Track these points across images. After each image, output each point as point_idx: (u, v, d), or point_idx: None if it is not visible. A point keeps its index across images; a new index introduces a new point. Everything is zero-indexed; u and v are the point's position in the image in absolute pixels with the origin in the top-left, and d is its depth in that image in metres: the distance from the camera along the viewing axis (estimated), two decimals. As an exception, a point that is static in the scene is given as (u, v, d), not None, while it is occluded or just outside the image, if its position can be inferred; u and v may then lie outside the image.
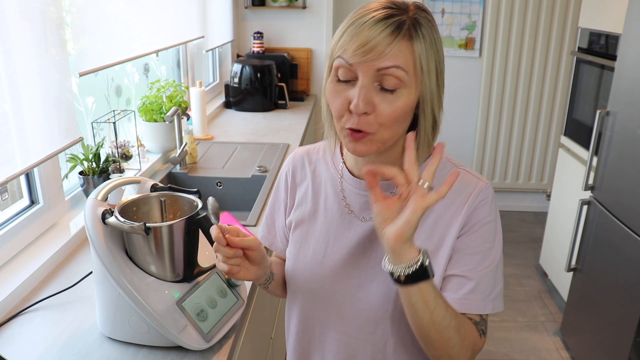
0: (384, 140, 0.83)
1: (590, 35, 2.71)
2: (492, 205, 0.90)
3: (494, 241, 0.90)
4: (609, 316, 2.13)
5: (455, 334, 0.81)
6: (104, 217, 1.00)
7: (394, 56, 0.77)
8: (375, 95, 0.79)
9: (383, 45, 0.76)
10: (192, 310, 1.03)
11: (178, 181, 2.06)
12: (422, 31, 0.79)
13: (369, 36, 0.76)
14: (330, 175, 0.97)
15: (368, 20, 0.77)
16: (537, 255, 3.38)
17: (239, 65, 3.10)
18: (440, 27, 3.69)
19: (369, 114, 0.79)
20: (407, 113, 0.82)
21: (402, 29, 0.77)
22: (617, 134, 2.11)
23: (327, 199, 0.96)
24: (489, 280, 0.87)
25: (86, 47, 1.58)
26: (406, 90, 0.79)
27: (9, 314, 1.15)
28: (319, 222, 0.96)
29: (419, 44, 0.78)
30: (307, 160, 1.02)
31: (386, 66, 0.77)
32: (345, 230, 0.93)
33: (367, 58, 0.77)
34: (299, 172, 1.02)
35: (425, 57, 0.79)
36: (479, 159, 3.95)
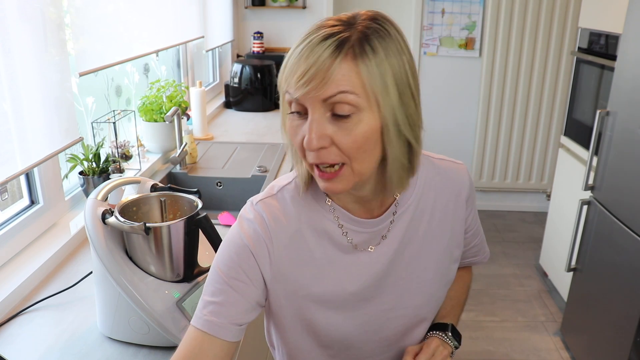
0: (359, 172, 0.73)
1: (590, 35, 2.71)
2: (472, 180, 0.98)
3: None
4: (609, 316, 2.13)
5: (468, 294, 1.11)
6: (104, 217, 1.00)
7: (338, 81, 0.68)
8: (330, 126, 0.70)
9: (323, 71, 0.68)
10: (192, 310, 1.03)
11: (178, 181, 2.06)
12: (370, 45, 0.69)
13: (307, 64, 0.68)
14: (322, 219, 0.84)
15: (306, 46, 0.69)
16: (537, 255, 3.37)
17: (239, 65, 3.10)
18: (440, 27, 3.69)
19: (326, 147, 0.71)
20: (372, 139, 0.71)
21: (342, 49, 0.68)
22: (617, 134, 2.11)
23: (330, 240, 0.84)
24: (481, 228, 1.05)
25: (86, 47, 1.58)
26: (363, 114, 0.70)
27: (9, 314, 1.15)
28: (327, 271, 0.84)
29: (366, 62, 0.69)
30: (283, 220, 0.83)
31: (331, 94, 0.68)
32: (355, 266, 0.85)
33: (309, 89, 0.68)
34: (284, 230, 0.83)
35: (377, 75, 0.69)
36: (479, 159, 3.95)
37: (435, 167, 0.91)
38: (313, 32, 0.71)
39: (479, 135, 3.90)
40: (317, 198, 0.84)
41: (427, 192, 0.89)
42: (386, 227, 0.86)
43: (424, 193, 0.89)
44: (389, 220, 0.86)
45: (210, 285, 0.82)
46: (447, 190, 0.91)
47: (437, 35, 3.71)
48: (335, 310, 0.86)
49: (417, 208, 0.88)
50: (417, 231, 0.88)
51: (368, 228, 0.84)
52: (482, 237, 1.06)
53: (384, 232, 0.86)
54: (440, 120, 3.87)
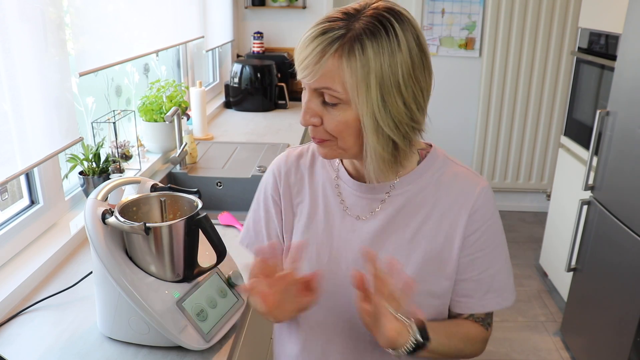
0: (344, 148, 0.83)
1: (590, 35, 2.71)
2: (492, 205, 0.90)
3: (500, 238, 0.92)
4: (609, 316, 2.13)
5: (465, 346, 0.90)
6: (104, 217, 1.00)
7: (323, 77, 0.76)
8: (322, 108, 0.81)
9: (311, 65, 0.76)
10: (192, 310, 1.03)
11: (178, 181, 2.06)
12: (360, 44, 0.74)
13: (303, 55, 0.77)
14: (328, 176, 0.96)
15: (307, 37, 0.77)
16: (537, 255, 3.37)
17: (239, 65, 3.10)
18: (440, 27, 3.69)
19: (317, 125, 0.82)
20: (352, 127, 0.80)
21: (332, 46, 0.75)
22: (617, 134, 2.11)
23: (326, 201, 0.95)
24: (503, 276, 0.91)
25: (86, 47, 1.58)
26: (346, 105, 0.78)
27: (9, 314, 1.15)
28: (320, 225, 0.95)
29: (352, 61, 0.74)
30: (301, 161, 0.99)
31: (317, 86, 0.78)
32: (347, 233, 0.92)
33: (303, 76, 0.79)
34: (292, 175, 0.99)
35: (360, 75, 0.75)
36: (479, 159, 3.95)
37: (454, 172, 0.91)
38: (318, 23, 0.78)
39: (479, 135, 3.90)
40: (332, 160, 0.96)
41: (433, 189, 0.89)
42: (378, 201, 0.90)
43: (429, 188, 0.89)
44: (382, 194, 0.90)
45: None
46: (454, 196, 0.89)
47: (437, 35, 3.71)
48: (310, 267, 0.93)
49: (415, 198, 0.89)
50: (409, 221, 0.89)
51: (360, 192, 0.92)
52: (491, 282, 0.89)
53: (376, 206, 0.90)
54: (440, 120, 3.86)
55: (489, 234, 0.89)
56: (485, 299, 0.90)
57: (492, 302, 0.91)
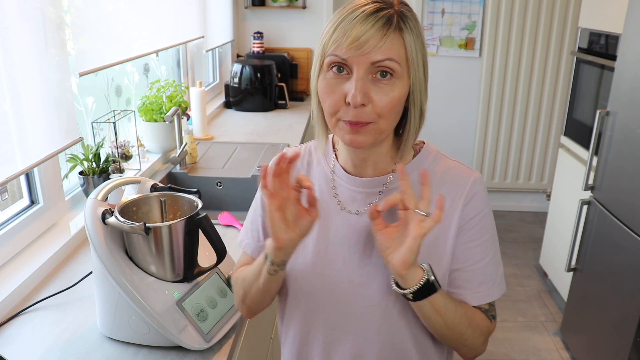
0: (382, 130, 0.84)
1: (590, 35, 2.71)
2: (485, 196, 0.93)
3: (492, 229, 0.93)
4: (609, 316, 2.13)
5: (467, 329, 0.89)
6: (104, 217, 1.00)
7: (387, 49, 0.79)
8: (371, 87, 0.81)
9: (376, 38, 0.78)
10: (192, 310, 1.03)
11: (178, 181, 2.06)
12: (409, 24, 0.82)
13: (362, 30, 0.78)
14: (323, 172, 0.97)
15: (358, 15, 0.79)
16: (537, 255, 3.37)
17: (239, 65, 3.10)
18: (440, 27, 3.69)
19: (365, 105, 0.81)
20: (402, 103, 0.84)
21: (392, 22, 0.80)
22: (617, 134, 2.11)
23: (322, 197, 0.96)
24: (493, 268, 0.92)
25: (86, 47, 1.58)
26: (399, 81, 0.82)
27: (9, 314, 1.15)
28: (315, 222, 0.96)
29: (409, 36, 0.81)
30: (297, 160, 0.99)
31: (380, 59, 0.79)
32: (344, 228, 0.93)
33: (362, 51, 0.79)
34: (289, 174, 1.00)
35: (414, 49, 0.82)
36: (479, 159, 3.95)
37: (447, 165, 0.93)
38: (362, 5, 0.81)
39: (479, 135, 3.90)
40: (327, 157, 0.98)
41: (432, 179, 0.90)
42: (374, 195, 0.92)
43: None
44: (379, 188, 0.92)
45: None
46: (448, 188, 0.90)
47: (437, 35, 3.71)
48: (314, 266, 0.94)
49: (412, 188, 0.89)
50: None
51: (356, 186, 0.93)
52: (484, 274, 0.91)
53: (372, 200, 0.92)
54: (440, 120, 3.86)
55: (482, 224, 0.91)
56: (479, 291, 0.92)
57: (484, 294, 0.92)
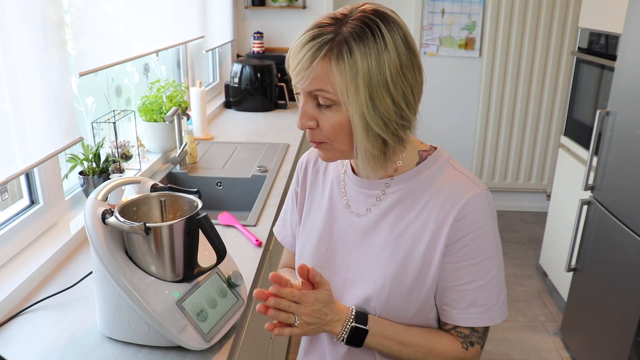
0: (341, 150, 0.86)
1: (590, 35, 2.71)
2: (483, 215, 0.86)
3: (491, 251, 0.88)
4: (609, 316, 2.13)
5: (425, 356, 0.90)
6: (104, 217, 1.00)
7: (315, 80, 0.79)
8: (317, 111, 0.83)
9: (303, 70, 0.79)
10: (192, 310, 1.03)
11: (178, 181, 2.06)
12: (348, 47, 0.77)
13: (295, 61, 0.80)
14: (337, 172, 1.01)
15: (298, 43, 0.81)
16: (537, 255, 3.38)
17: (239, 65, 3.10)
18: (440, 27, 3.69)
19: (313, 128, 0.84)
20: (346, 128, 0.82)
21: (321, 51, 0.78)
22: (617, 134, 2.11)
23: (333, 195, 1.00)
24: (489, 292, 0.88)
25: (86, 47, 1.58)
26: (339, 107, 0.81)
27: (9, 314, 1.15)
28: (322, 217, 1.00)
29: (340, 64, 0.77)
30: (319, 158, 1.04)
31: (311, 90, 0.81)
32: (345, 227, 0.96)
33: (297, 81, 0.81)
34: (311, 167, 1.05)
35: (348, 77, 0.77)
36: (479, 159, 3.95)
37: (449, 176, 0.90)
38: (308, 30, 0.81)
39: (479, 135, 3.90)
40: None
41: (425, 191, 0.89)
42: (373, 197, 0.93)
43: (422, 190, 0.90)
44: (378, 191, 0.93)
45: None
46: (442, 200, 0.87)
47: (437, 35, 3.71)
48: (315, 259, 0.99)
49: (407, 198, 0.90)
50: (397, 221, 0.90)
51: (359, 186, 0.95)
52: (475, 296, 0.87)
53: (371, 202, 0.93)
54: (440, 120, 3.87)
55: (475, 244, 0.86)
56: (468, 313, 0.88)
57: (474, 317, 0.88)
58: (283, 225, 1.12)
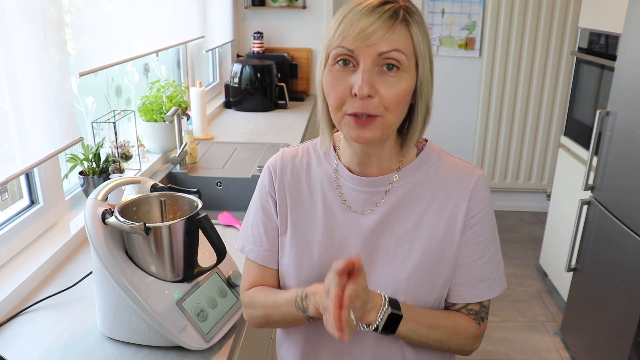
0: (389, 124, 0.84)
1: (590, 35, 2.71)
2: (488, 194, 0.93)
3: (493, 228, 0.94)
4: (609, 316, 2.13)
5: (450, 336, 0.90)
6: (104, 217, 1.00)
7: (394, 40, 0.79)
8: (378, 79, 0.80)
9: (383, 30, 0.79)
10: (192, 310, 1.03)
11: (178, 181, 2.06)
12: (416, 18, 0.82)
13: (369, 22, 0.78)
14: (325, 172, 0.96)
15: (364, 8, 0.80)
16: (537, 255, 3.37)
17: (239, 65, 3.10)
18: (440, 27, 3.69)
19: (372, 97, 0.80)
20: (408, 96, 0.84)
21: (398, 15, 0.80)
22: (617, 134, 2.11)
23: (325, 199, 0.95)
24: (492, 265, 0.93)
25: (86, 47, 1.58)
26: (406, 74, 0.82)
27: (9, 314, 1.15)
28: (319, 223, 0.94)
29: (416, 29, 0.82)
30: (297, 160, 0.98)
31: (387, 50, 0.79)
32: (348, 228, 0.93)
33: (368, 42, 0.78)
34: (288, 171, 0.97)
35: (421, 42, 0.82)
36: (479, 159, 3.95)
37: (451, 162, 0.94)
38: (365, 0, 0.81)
39: (479, 135, 3.90)
40: (328, 157, 0.96)
41: (431, 180, 0.92)
42: (379, 194, 0.92)
43: (427, 179, 0.92)
44: (385, 187, 0.91)
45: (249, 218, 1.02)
46: (453, 185, 0.91)
47: (437, 35, 3.71)
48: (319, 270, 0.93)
49: (414, 190, 0.91)
50: (409, 212, 0.91)
51: (360, 186, 0.92)
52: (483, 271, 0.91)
53: (377, 199, 0.91)
54: (440, 120, 3.86)
55: (484, 221, 0.92)
56: (477, 288, 0.92)
57: (482, 291, 0.92)
58: (254, 242, 0.98)
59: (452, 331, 0.91)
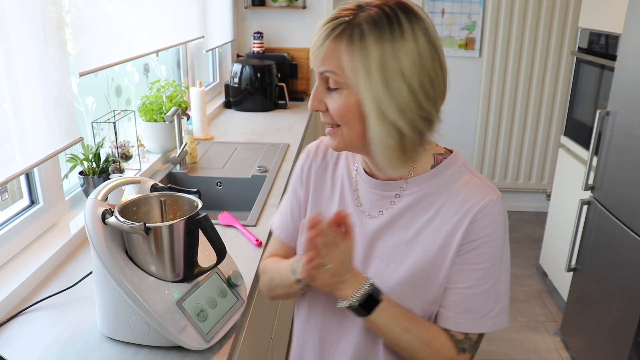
0: (350, 138, 0.85)
1: (590, 35, 2.71)
2: (498, 222, 0.86)
3: (497, 260, 0.87)
4: (609, 316, 2.13)
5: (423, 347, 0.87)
6: (104, 217, 1.00)
7: (325, 60, 0.81)
8: (326, 94, 0.84)
9: (317, 49, 0.81)
10: (192, 310, 1.03)
11: (178, 181, 2.06)
12: (360, 30, 0.78)
13: (315, 40, 0.82)
14: (349, 170, 0.99)
15: (320, 24, 0.82)
16: (537, 255, 3.37)
17: (239, 65, 3.10)
18: (440, 27, 3.69)
19: (322, 111, 0.86)
20: (352, 112, 0.82)
21: (335, 31, 0.79)
22: (617, 134, 2.11)
23: (343, 194, 0.98)
24: (488, 300, 0.87)
25: (86, 47, 1.58)
26: (346, 90, 0.81)
27: (9, 314, 1.15)
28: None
29: (349, 46, 0.78)
30: (328, 152, 1.03)
31: (322, 70, 0.82)
32: (356, 226, 0.93)
33: (311, 61, 0.84)
34: (320, 159, 1.02)
35: (358, 59, 0.78)
36: (479, 159, 3.95)
37: (466, 180, 0.89)
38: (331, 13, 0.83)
39: (479, 135, 3.90)
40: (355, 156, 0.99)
41: (441, 194, 0.89)
42: (387, 198, 0.92)
43: (437, 193, 0.89)
44: (394, 191, 0.91)
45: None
46: (459, 204, 0.87)
47: (437, 35, 3.71)
48: None
49: (422, 201, 0.89)
50: (411, 223, 0.89)
51: (372, 187, 0.93)
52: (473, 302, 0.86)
53: (384, 204, 0.92)
54: (440, 120, 3.86)
55: (485, 249, 0.85)
56: (462, 317, 0.87)
57: (467, 323, 0.87)
58: (281, 220, 1.07)
59: (426, 344, 0.87)
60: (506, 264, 0.88)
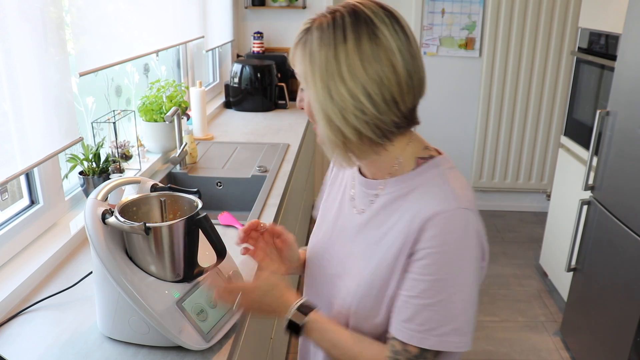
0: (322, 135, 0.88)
1: (590, 35, 2.71)
2: (451, 233, 0.81)
3: (448, 275, 0.81)
4: (609, 316, 2.13)
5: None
6: (104, 217, 1.00)
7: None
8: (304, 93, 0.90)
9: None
10: (192, 310, 1.03)
11: (178, 181, 2.06)
12: (310, 35, 0.83)
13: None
14: (352, 171, 1.03)
15: None
16: (537, 255, 3.38)
17: (239, 65, 3.10)
18: (440, 27, 3.69)
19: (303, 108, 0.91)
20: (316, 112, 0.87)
21: (299, 37, 0.86)
22: (617, 134, 2.11)
23: (345, 188, 1.03)
24: (434, 315, 0.81)
25: (86, 47, 1.58)
26: (308, 91, 0.86)
27: (9, 314, 1.15)
28: (333, 210, 1.04)
29: (301, 51, 0.84)
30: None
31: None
32: (346, 221, 0.99)
33: None
34: None
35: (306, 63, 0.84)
36: (479, 159, 3.95)
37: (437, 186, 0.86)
38: None
39: (479, 135, 3.90)
40: None
41: (409, 197, 0.87)
42: (370, 196, 0.94)
43: (408, 197, 0.88)
44: (374, 190, 0.93)
45: None
46: (417, 210, 0.84)
47: (437, 35, 3.71)
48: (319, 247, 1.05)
49: (393, 203, 0.90)
50: (382, 224, 0.91)
51: (361, 184, 0.97)
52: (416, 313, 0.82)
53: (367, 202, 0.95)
54: (440, 120, 3.87)
55: (430, 260, 0.81)
56: (403, 325, 0.83)
57: (407, 332, 0.82)
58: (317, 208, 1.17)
59: (354, 356, 0.88)
60: (466, 282, 0.81)
